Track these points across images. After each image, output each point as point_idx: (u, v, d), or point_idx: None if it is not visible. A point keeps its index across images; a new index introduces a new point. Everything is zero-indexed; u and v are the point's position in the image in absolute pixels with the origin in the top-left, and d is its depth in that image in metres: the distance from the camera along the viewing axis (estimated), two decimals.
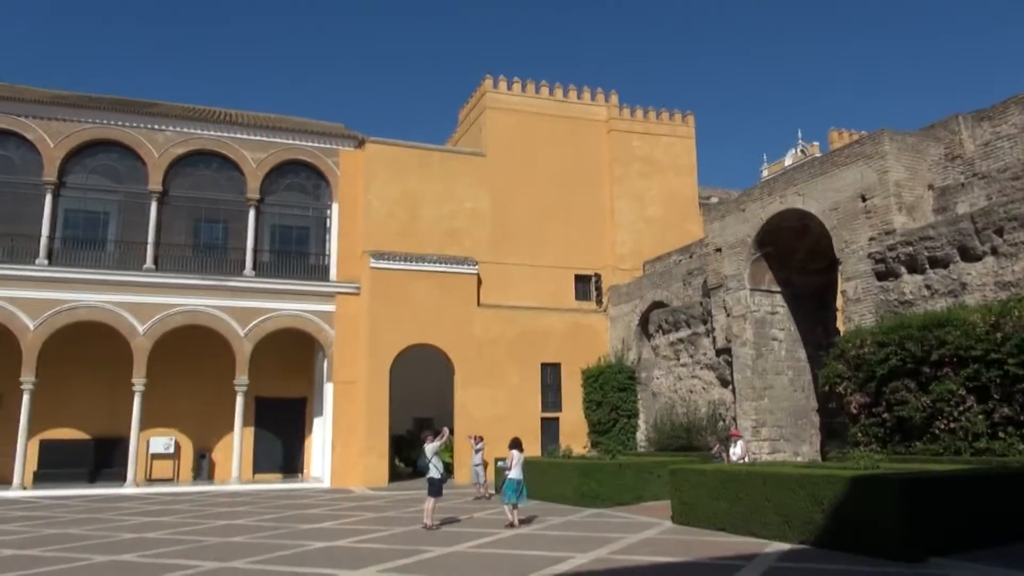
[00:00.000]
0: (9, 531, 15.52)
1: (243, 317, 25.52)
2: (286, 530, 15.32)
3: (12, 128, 24.56)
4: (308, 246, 27.84)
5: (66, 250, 24.83)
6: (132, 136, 25.63)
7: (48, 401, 24.28)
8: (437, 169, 28.80)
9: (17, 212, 24.43)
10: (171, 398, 25.97)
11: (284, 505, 20.01)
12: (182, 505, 20.25)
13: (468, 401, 26.58)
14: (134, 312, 24.45)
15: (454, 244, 28.14)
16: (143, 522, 16.81)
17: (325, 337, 26.35)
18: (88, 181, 25.49)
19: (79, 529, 15.71)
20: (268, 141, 27.05)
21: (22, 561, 11.99)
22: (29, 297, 23.58)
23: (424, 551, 12.47)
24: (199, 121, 26.66)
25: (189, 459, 26.76)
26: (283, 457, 27.90)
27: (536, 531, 14.67)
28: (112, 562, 11.94)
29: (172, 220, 26.01)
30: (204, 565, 11.43)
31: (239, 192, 26.62)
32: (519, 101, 30.70)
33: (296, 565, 11.41)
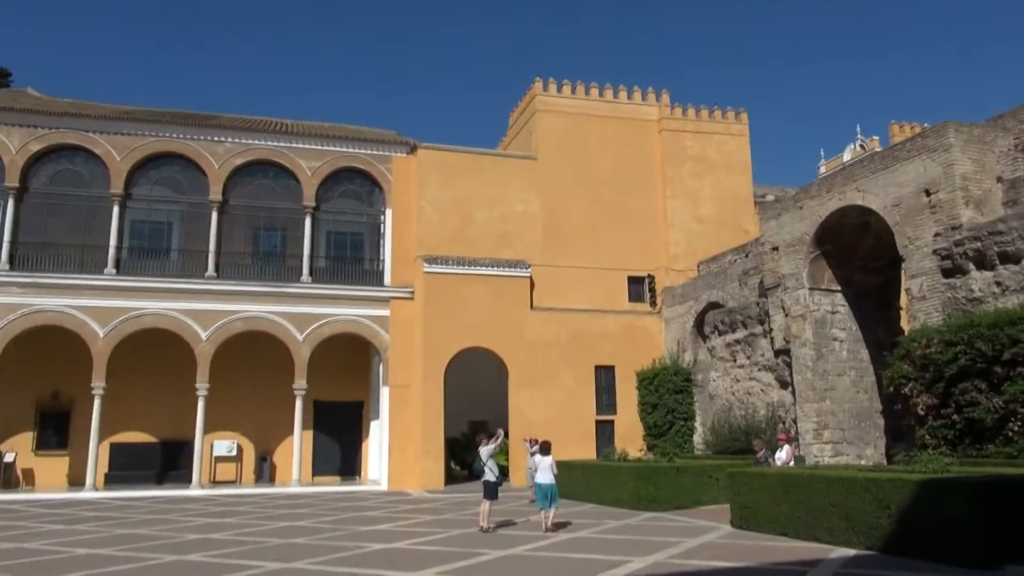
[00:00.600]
0: (83, 531, 16.11)
1: (301, 322, 26.04)
2: (345, 532, 15.55)
3: (81, 143, 25.55)
4: (363, 252, 28.25)
5: (132, 260, 25.70)
6: (193, 148, 26.41)
7: (117, 406, 25.14)
8: (488, 173, 28.94)
9: (87, 224, 25.40)
10: (233, 402, 26.63)
11: (343, 507, 20.32)
12: (245, 507, 20.73)
13: (522, 404, 26.59)
14: (197, 319, 25.16)
15: (506, 247, 28.22)
16: (208, 523, 17.27)
17: (380, 341, 26.69)
18: (152, 192, 26.35)
19: (148, 529, 16.21)
20: (323, 149, 27.57)
21: (96, 560, 12.43)
22: (99, 306, 24.47)
23: (481, 554, 12.50)
24: (257, 132, 27.33)
25: (251, 462, 27.40)
26: (341, 460, 28.34)
27: (593, 535, 14.57)
28: (179, 562, 12.28)
29: (232, 228, 26.70)
30: (267, 566, 11.67)
31: (296, 200, 27.17)
32: (569, 103, 30.64)
33: (356, 566, 11.56)
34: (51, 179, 25.46)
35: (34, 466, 25.69)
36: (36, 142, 25.04)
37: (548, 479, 15.15)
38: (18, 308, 23.89)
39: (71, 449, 25.77)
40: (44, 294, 24.18)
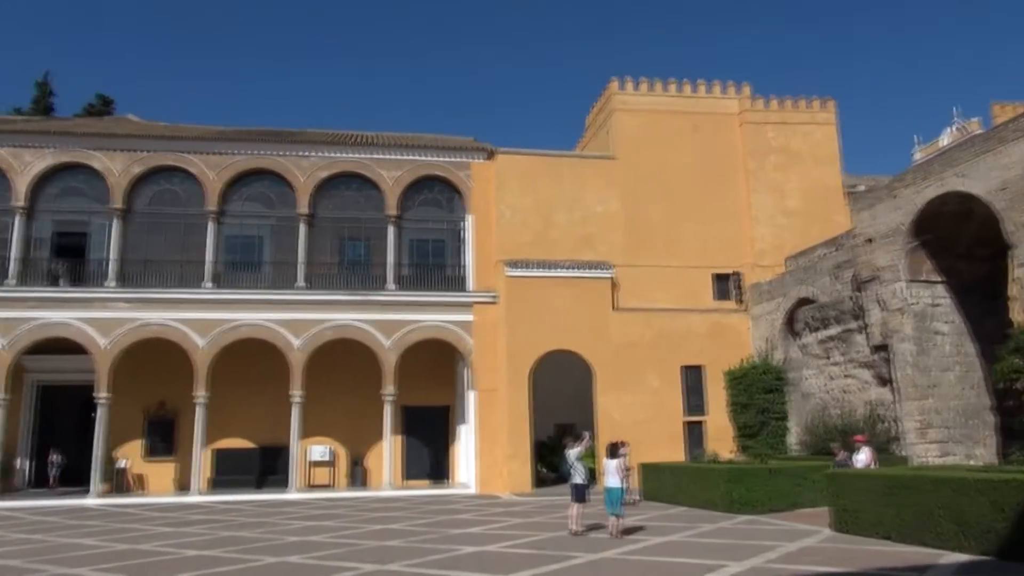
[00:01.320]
0: (191, 533, 16.90)
1: (387, 329, 26.59)
2: (437, 535, 15.77)
3: (178, 164, 26.87)
4: (445, 258, 28.64)
5: (228, 273, 26.83)
6: (281, 164, 27.39)
7: (219, 413, 26.27)
8: (567, 175, 28.89)
9: (185, 240, 26.68)
10: (326, 409, 27.43)
11: (434, 510, 20.62)
12: (340, 510, 21.31)
13: (609, 406, 26.38)
14: (290, 328, 26.05)
15: (587, 249, 28.09)
16: (306, 526, 17.83)
17: (465, 346, 26.99)
18: (244, 208, 27.46)
19: (250, 532, 16.86)
20: (403, 159, 28.12)
21: (205, 561, 13.01)
22: (198, 318, 25.66)
23: (572, 557, 12.45)
24: (340, 145, 28.11)
25: (345, 466, 28.15)
26: (431, 464, 28.78)
27: (686, 538, 14.31)
28: (281, 563, 12.72)
29: (319, 240, 27.54)
30: (363, 567, 11.96)
31: (379, 210, 27.80)
32: (646, 101, 30.28)
33: (449, 569, 11.70)
34: (151, 199, 26.87)
35: (145, 472, 27.13)
36: (137, 165, 26.48)
37: (616, 483, 14.57)
38: (126, 323, 25.28)
39: (177, 455, 27.08)
40: (149, 308, 25.52)
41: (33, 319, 24.85)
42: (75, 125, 30.00)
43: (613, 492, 14.50)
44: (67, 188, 26.55)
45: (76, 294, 25.28)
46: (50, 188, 26.34)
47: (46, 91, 49.05)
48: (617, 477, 14.61)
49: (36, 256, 26.03)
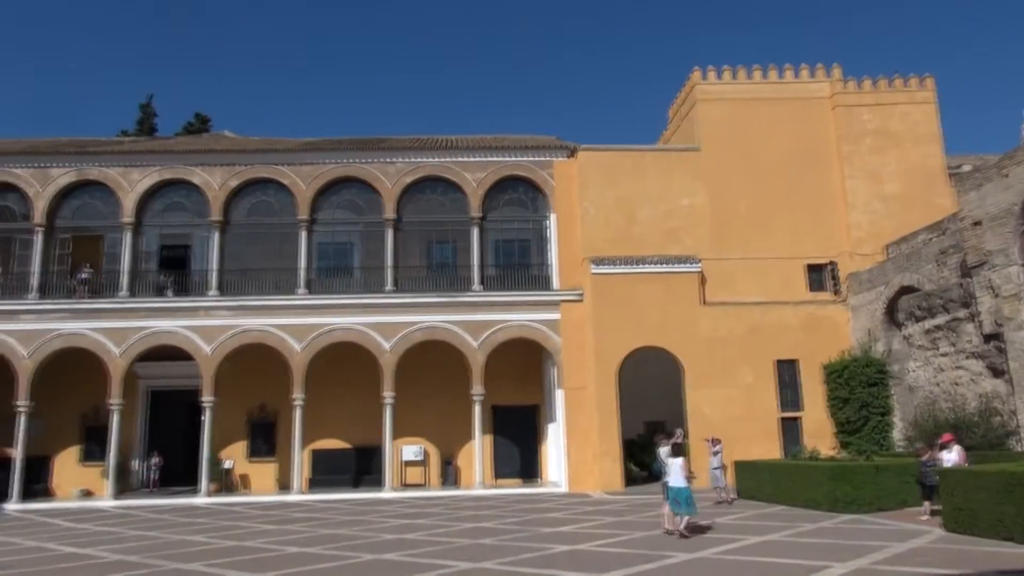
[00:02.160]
0: (293, 531, 17.51)
1: (475, 330, 26.85)
2: (529, 533, 15.80)
3: (272, 176, 27.93)
4: (530, 257, 28.71)
5: (320, 279, 27.71)
6: (368, 171, 28.07)
7: (316, 415, 27.15)
8: (651, 169, 28.46)
9: (279, 249, 27.70)
10: (418, 409, 27.93)
11: (525, 509, 20.67)
12: (433, 509, 21.65)
13: (700, 402, 25.82)
14: (380, 331, 26.66)
15: (674, 243, 27.59)
16: (401, 524, 18.19)
17: (552, 345, 26.96)
18: (334, 216, 28.29)
19: (348, 530, 17.33)
20: (486, 161, 28.34)
21: (306, 558, 13.45)
22: (294, 323, 26.59)
23: (668, 556, 12.23)
24: (423, 150, 28.57)
25: (437, 465, 28.59)
26: (521, 463, 28.88)
27: (785, 538, 13.84)
28: (378, 560, 13.01)
29: (407, 243, 28.08)
30: (458, 565, 12.09)
31: (463, 212, 28.11)
32: (731, 89, 29.50)
33: (542, 567, 11.69)
34: (248, 211, 28.03)
35: (248, 472, 28.31)
36: (234, 178, 27.67)
37: (680, 482, 14.34)
38: (228, 330, 26.45)
39: (278, 456, 28.13)
40: (248, 315, 26.61)
41: (143, 328, 26.31)
42: (176, 143, 31.63)
43: (677, 491, 14.34)
44: (171, 203, 27.99)
45: (181, 303, 26.64)
46: (155, 204, 27.83)
47: (149, 113, 51.95)
48: (682, 476, 14.44)
49: (144, 269, 27.57)
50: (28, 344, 25.90)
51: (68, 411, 27.92)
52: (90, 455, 27.91)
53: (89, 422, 28.06)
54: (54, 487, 27.78)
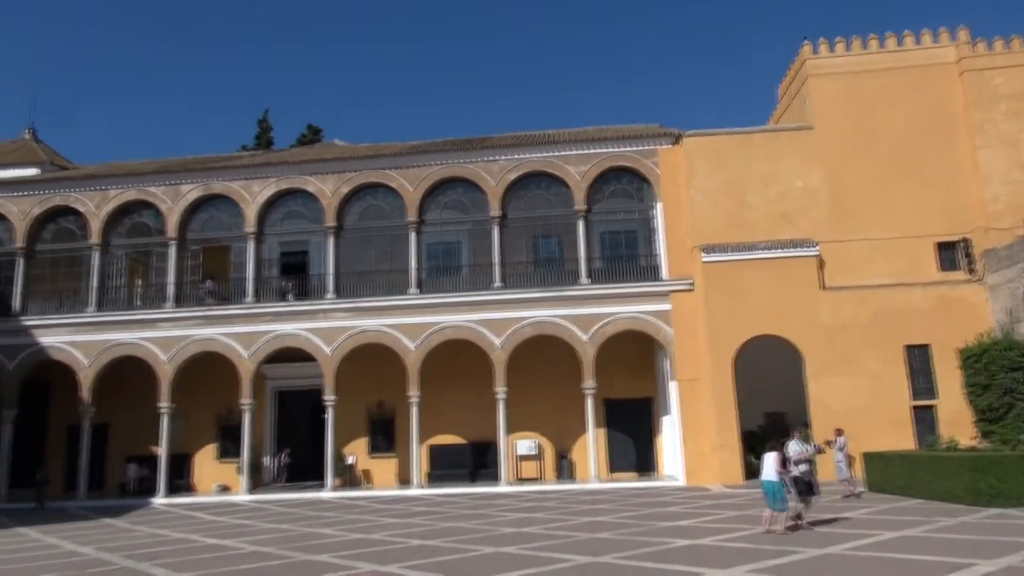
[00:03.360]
0: (414, 524, 18.00)
1: (584, 323, 26.74)
2: (647, 527, 15.59)
3: (381, 180, 28.79)
4: (637, 248, 28.30)
5: (431, 278, 28.33)
6: (472, 170, 28.46)
7: (431, 411, 27.81)
8: (760, 151, 27.43)
9: (391, 251, 28.52)
10: (530, 404, 28.11)
11: (642, 503, 20.43)
12: (549, 503, 21.73)
13: (822, 392, 24.70)
14: (490, 327, 26.99)
15: (788, 227, 26.50)
16: (518, 518, 18.35)
17: (664, 336, 26.49)
18: (442, 216, 28.85)
19: (467, 523, 17.65)
20: (588, 153, 28.13)
21: (428, 551, 13.79)
22: (407, 323, 27.32)
23: (795, 551, 11.78)
24: (526, 146, 28.68)
25: (551, 460, 28.68)
26: (636, 456, 28.56)
27: (923, 533, 13.05)
28: (498, 553, 13.17)
29: (513, 240, 28.28)
30: (577, 559, 12.08)
31: (568, 205, 28.04)
32: (844, 62, 28.02)
33: (662, 562, 11.51)
34: (360, 215, 28.99)
35: (369, 467, 29.34)
36: (345, 185, 28.70)
37: (772, 476, 14.02)
38: (345, 330, 27.48)
39: (397, 451, 29.01)
40: (363, 316, 27.56)
41: (268, 332, 27.73)
42: (291, 155, 33.09)
43: (769, 486, 14.03)
44: (288, 212, 29.34)
45: (301, 307, 27.88)
46: (274, 213, 29.24)
47: (266, 127, 54.71)
48: (774, 471, 14.09)
49: (267, 275, 29.04)
50: (167, 350, 27.82)
51: (205, 411, 29.83)
52: (225, 452, 29.73)
53: (223, 421, 29.88)
54: (195, 482, 29.77)
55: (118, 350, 28.04)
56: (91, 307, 28.49)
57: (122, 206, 29.38)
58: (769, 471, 14.16)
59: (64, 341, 28.20)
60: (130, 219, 29.76)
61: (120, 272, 29.76)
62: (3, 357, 28.18)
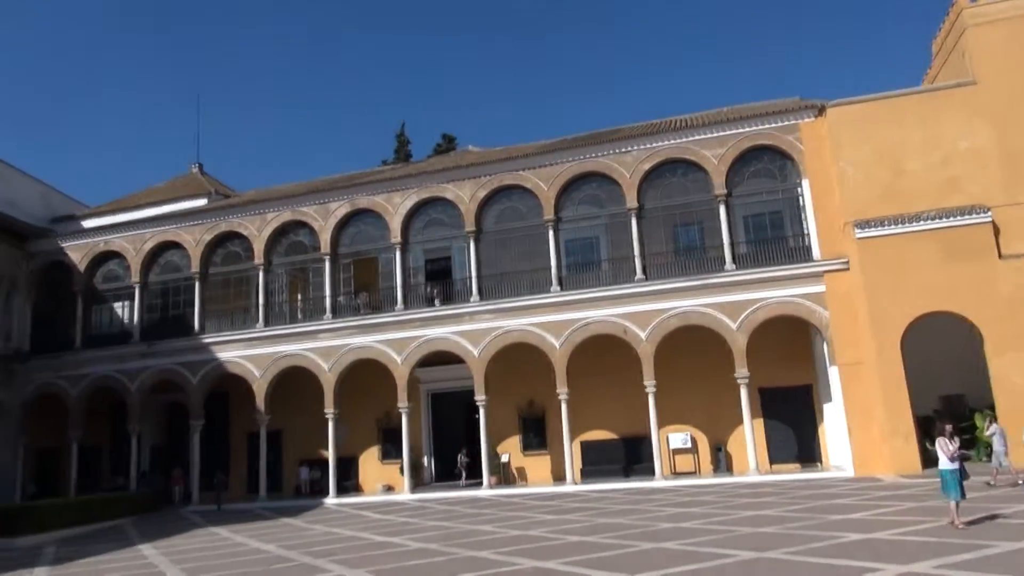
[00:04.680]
0: (571, 520, 18.08)
1: (731, 311, 25.84)
2: (815, 521, 14.84)
3: (516, 182, 29.14)
4: (783, 229, 27.00)
5: (570, 275, 28.35)
6: (605, 163, 28.22)
7: (581, 407, 27.82)
8: (914, 114, 25.35)
9: (530, 250, 28.79)
10: (681, 396, 27.50)
11: (807, 496, 19.47)
12: (707, 497, 21.15)
13: (1008, 371, 22.45)
14: (634, 320, 26.64)
15: (953, 193, 24.33)
16: (675, 512, 17.99)
17: (819, 319, 25.11)
18: (578, 212, 28.79)
19: (624, 519, 17.50)
20: (724, 135, 27.14)
21: (587, 547, 13.80)
22: (550, 320, 27.45)
23: (987, 545, 10.79)
24: (658, 134, 28.06)
25: (706, 452, 27.92)
26: (798, 446, 27.25)
27: None
28: (658, 549, 12.97)
29: (651, 230, 27.76)
30: (742, 554, 11.67)
31: (707, 191, 27.19)
32: (1007, 7, 25.36)
33: (834, 557, 10.91)
34: (497, 218, 29.48)
35: (523, 464, 29.78)
36: (482, 189, 29.28)
37: (946, 464, 13.18)
38: (491, 332, 28.02)
39: (550, 448, 29.26)
40: (507, 317, 27.99)
41: (418, 337, 28.78)
42: (428, 165, 34.23)
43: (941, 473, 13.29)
44: (430, 220, 30.31)
45: (448, 311, 28.72)
46: (417, 222, 30.31)
47: (403, 141, 56.95)
48: (945, 457, 13.19)
49: (414, 283, 30.15)
50: (328, 359, 29.52)
51: (366, 416, 31.41)
52: (387, 454, 31.19)
53: (383, 424, 31.34)
54: (361, 483, 31.41)
55: (285, 361, 30.08)
56: (259, 323, 30.74)
57: (280, 227, 31.47)
58: (943, 458, 13.30)
59: (238, 355, 30.60)
60: (287, 239, 31.81)
61: (282, 288, 31.93)
62: (188, 372, 30.98)
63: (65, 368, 32.15)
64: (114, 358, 31.85)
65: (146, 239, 32.76)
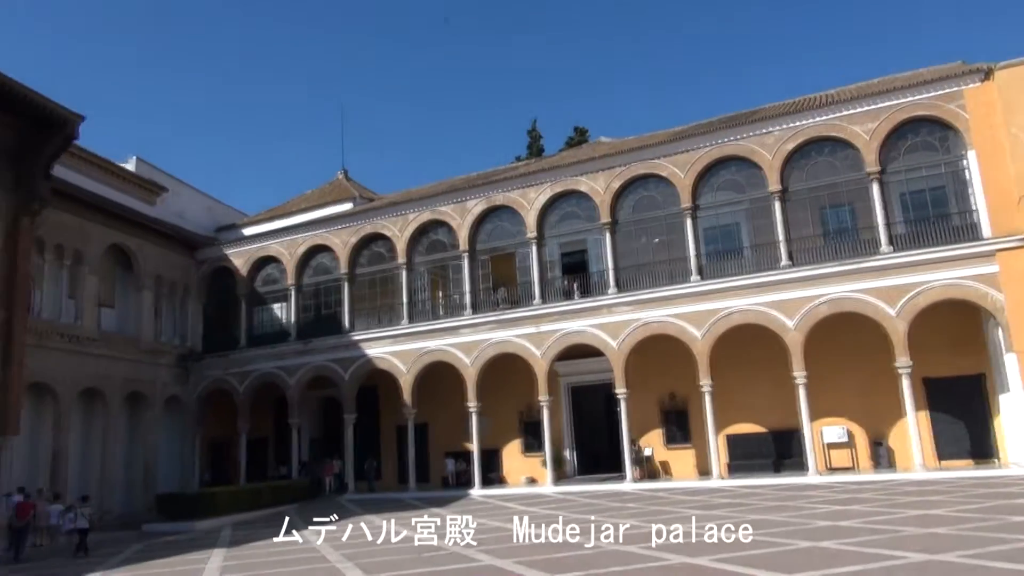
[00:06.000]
0: (719, 516, 17.50)
1: (889, 296, 24.13)
2: (994, 522, 13.60)
3: (650, 171, 28.57)
4: (946, 206, 24.87)
5: (711, 264, 27.47)
6: (743, 146, 27.13)
7: (725, 400, 26.94)
8: None
9: (667, 240, 28.18)
10: (835, 387, 26.06)
11: (983, 495, 17.88)
12: (866, 494, 19.90)
13: None
14: (780, 309, 25.46)
15: None
16: (832, 510, 17.05)
17: (992, 303, 22.95)
18: (716, 199, 27.84)
19: (775, 516, 16.77)
20: (876, 108, 25.35)
21: (736, 544, 13.30)
22: (691, 311, 26.70)
23: None
24: (801, 112, 26.62)
25: (864, 447, 26.28)
26: (970, 441, 25.09)
27: None
28: (815, 548, 12.33)
29: (797, 214, 26.42)
30: (911, 556, 10.87)
31: (856, 169, 25.53)
32: None
33: (1020, 562, 9.92)
34: (633, 208, 29.04)
35: (666, 458, 29.24)
36: (616, 180, 28.94)
37: None
38: (629, 324, 27.67)
39: (693, 442, 28.56)
40: (646, 308, 27.53)
41: (556, 330, 28.87)
42: (561, 159, 34.24)
43: None
44: (564, 214, 30.31)
45: (585, 304, 28.61)
46: (551, 216, 30.40)
47: (536, 136, 57.34)
48: None
49: (550, 276, 30.26)
50: (469, 354, 30.22)
51: (508, 409, 31.92)
52: (529, 447, 31.58)
53: (525, 418, 31.76)
54: (505, 475, 31.96)
55: (428, 357, 31.07)
56: (404, 320, 31.92)
57: (420, 227, 32.51)
58: None
59: (385, 352, 31.93)
60: (427, 238, 32.82)
61: (424, 287, 33.00)
62: (340, 368, 32.69)
63: (232, 365, 34.80)
64: (274, 355, 34.13)
65: (299, 244, 34.83)
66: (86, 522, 20.59)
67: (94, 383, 29.44)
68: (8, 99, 22.84)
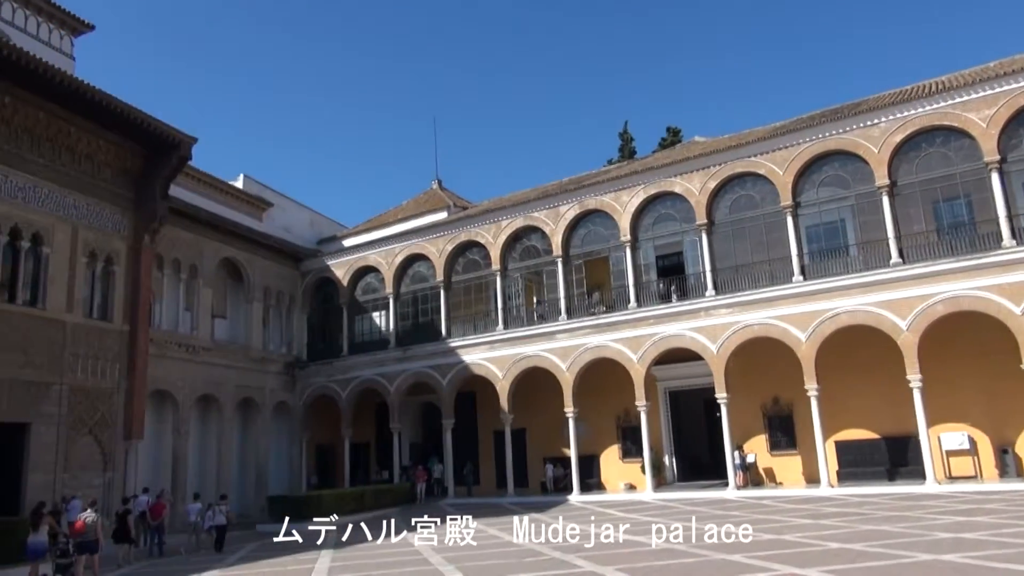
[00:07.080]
0: (829, 525, 16.81)
1: (1014, 293, 22.50)
2: None
3: (747, 169, 27.76)
4: None
5: (814, 263, 26.41)
6: (847, 140, 25.98)
7: (833, 405, 25.82)
8: None
9: (767, 240, 27.25)
10: (953, 391, 24.58)
11: None
12: (993, 505, 18.65)
13: None
14: (891, 309, 24.22)
15: None
16: (955, 521, 16.07)
17: None
18: (819, 195, 26.76)
19: (891, 526, 15.95)
20: (994, 93, 23.73)
21: (850, 555, 12.74)
22: (794, 312, 25.76)
23: None
24: (909, 102, 25.26)
25: (989, 454, 24.63)
26: None
27: None
28: (936, 561, 11.65)
29: (907, 209, 25.08)
30: None
31: (974, 159, 24.01)
32: None
33: None
34: (730, 208, 28.28)
35: (771, 465, 28.26)
36: (711, 180, 28.28)
37: None
38: (729, 327, 26.94)
39: (800, 448, 27.49)
40: (746, 310, 26.74)
41: (653, 334, 28.42)
42: (654, 160, 33.76)
43: None
44: (659, 216, 29.85)
45: (683, 307, 28.06)
46: (645, 219, 29.99)
47: (627, 139, 56.82)
48: None
49: (646, 280, 29.84)
50: (565, 359, 30.15)
51: (605, 414, 31.65)
52: (627, 452, 31.21)
53: (622, 423, 31.41)
54: (603, 481, 31.69)
55: (525, 362, 31.20)
56: (499, 326, 32.20)
57: (513, 233, 32.73)
58: None
59: (482, 358, 32.28)
60: (520, 244, 33.00)
61: (518, 292, 33.20)
62: (438, 375, 33.27)
63: (335, 373, 36.00)
64: (375, 363, 35.10)
65: (396, 253, 35.71)
66: (224, 519, 21.84)
67: (209, 390, 31.10)
68: (130, 126, 24.55)
